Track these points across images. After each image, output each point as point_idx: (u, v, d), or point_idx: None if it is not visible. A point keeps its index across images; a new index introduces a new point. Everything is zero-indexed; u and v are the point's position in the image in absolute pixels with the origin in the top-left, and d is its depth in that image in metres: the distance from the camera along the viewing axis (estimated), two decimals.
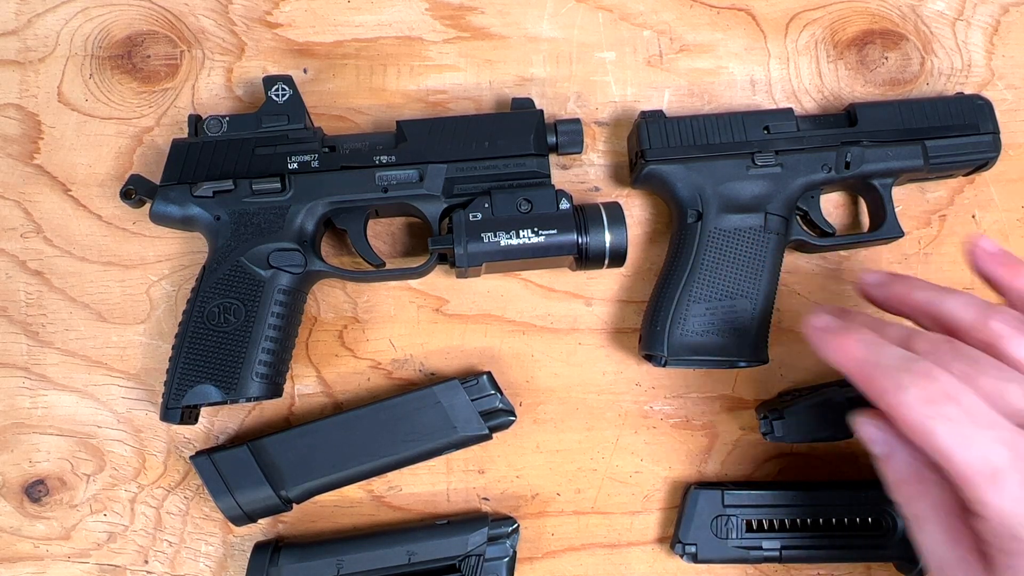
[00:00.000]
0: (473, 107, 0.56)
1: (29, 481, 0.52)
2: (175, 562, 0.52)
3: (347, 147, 0.51)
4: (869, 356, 0.36)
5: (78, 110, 0.54)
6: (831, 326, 0.39)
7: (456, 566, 0.49)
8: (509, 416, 0.51)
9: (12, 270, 0.53)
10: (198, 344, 0.48)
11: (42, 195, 0.54)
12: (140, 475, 0.53)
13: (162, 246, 0.54)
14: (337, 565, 0.49)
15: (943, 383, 0.34)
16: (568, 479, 0.54)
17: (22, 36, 0.55)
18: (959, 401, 0.33)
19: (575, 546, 0.53)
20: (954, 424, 0.33)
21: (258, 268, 0.49)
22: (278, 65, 0.55)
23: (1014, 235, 0.56)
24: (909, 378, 0.34)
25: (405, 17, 0.56)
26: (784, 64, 0.57)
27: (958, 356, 0.35)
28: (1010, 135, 0.55)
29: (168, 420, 0.48)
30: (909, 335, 0.38)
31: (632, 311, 0.54)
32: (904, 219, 0.54)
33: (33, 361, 0.53)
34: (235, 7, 0.56)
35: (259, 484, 0.49)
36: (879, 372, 0.35)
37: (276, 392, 0.50)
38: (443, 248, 0.49)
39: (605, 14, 0.57)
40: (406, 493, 0.53)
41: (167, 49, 0.55)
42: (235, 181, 0.50)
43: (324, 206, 0.50)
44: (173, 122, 0.55)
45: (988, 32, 0.57)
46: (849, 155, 0.52)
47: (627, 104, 0.56)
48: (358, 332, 0.54)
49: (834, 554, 0.50)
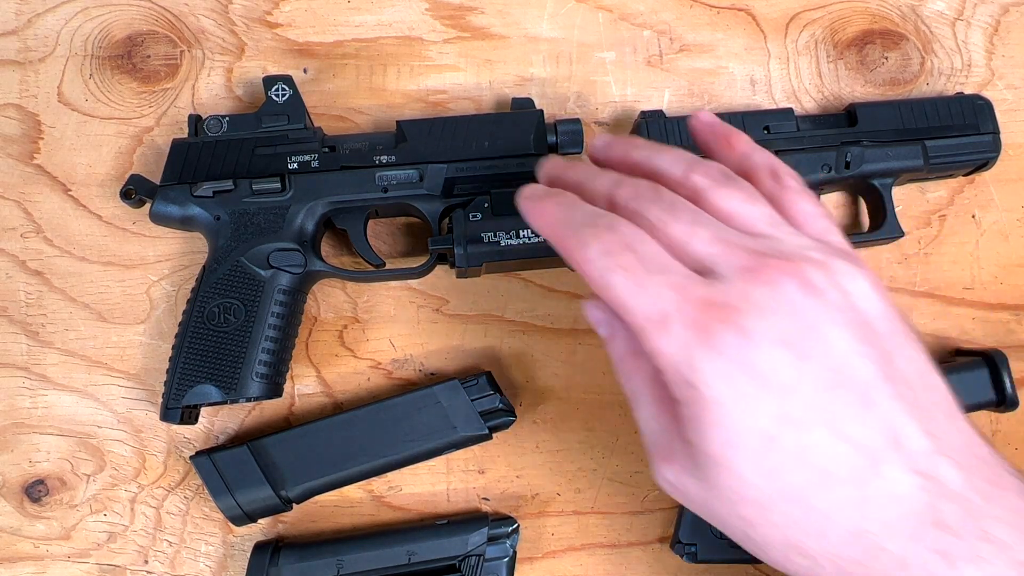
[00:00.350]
0: (473, 107, 0.56)
1: (29, 481, 0.52)
2: (175, 562, 0.52)
3: (347, 147, 0.51)
4: (561, 217, 0.35)
5: (78, 110, 0.54)
6: (536, 194, 0.38)
7: (456, 566, 0.49)
8: (509, 416, 0.51)
9: (12, 270, 0.53)
10: (198, 344, 0.48)
11: (42, 195, 0.54)
12: (140, 475, 0.53)
13: (162, 246, 0.54)
14: (337, 565, 0.49)
15: (622, 234, 0.32)
16: (568, 479, 0.54)
17: (22, 36, 0.55)
18: (635, 250, 0.32)
19: (575, 546, 0.53)
20: (628, 272, 0.32)
21: (258, 268, 0.49)
22: (278, 65, 0.55)
23: (1014, 235, 0.56)
24: (591, 232, 0.33)
25: (405, 17, 0.56)
26: (784, 64, 0.57)
27: (657, 200, 0.34)
28: (1010, 135, 0.55)
29: (168, 420, 0.48)
30: (617, 180, 0.36)
31: None
32: (904, 219, 0.54)
33: (33, 361, 0.53)
34: (235, 7, 0.56)
35: (259, 484, 0.49)
36: (569, 232, 0.34)
37: (276, 392, 0.50)
38: (443, 248, 0.49)
39: (605, 14, 0.57)
40: (406, 493, 0.53)
41: (167, 49, 0.55)
42: (235, 181, 0.50)
43: (324, 206, 0.50)
44: (173, 122, 0.55)
45: (988, 32, 0.58)
46: (849, 155, 0.52)
47: (627, 104, 0.56)
48: (358, 332, 0.54)
49: None
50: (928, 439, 0.30)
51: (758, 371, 0.30)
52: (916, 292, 0.55)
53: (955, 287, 0.56)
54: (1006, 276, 0.56)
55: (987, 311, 0.56)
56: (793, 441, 0.30)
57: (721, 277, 0.31)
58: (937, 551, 0.29)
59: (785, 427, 0.30)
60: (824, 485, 0.30)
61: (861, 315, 0.32)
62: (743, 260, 0.32)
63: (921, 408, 0.31)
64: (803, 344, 0.30)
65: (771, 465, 0.30)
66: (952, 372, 0.52)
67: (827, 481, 0.30)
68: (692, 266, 0.32)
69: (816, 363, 0.30)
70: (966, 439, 0.32)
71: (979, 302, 0.56)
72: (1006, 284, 0.56)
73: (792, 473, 0.30)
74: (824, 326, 0.31)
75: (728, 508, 0.32)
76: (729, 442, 0.30)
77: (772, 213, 0.35)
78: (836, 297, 0.31)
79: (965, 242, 0.56)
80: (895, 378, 0.31)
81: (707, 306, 0.30)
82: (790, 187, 0.36)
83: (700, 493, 0.32)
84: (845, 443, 0.30)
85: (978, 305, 0.56)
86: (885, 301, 0.33)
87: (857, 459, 0.30)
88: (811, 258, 0.32)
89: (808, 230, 0.35)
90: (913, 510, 0.30)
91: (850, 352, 0.31)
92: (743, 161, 0.38)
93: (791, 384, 0.30)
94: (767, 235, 0.34)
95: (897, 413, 0.30)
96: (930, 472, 0.30)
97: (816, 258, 0.32)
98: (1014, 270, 0.56)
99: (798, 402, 0.30)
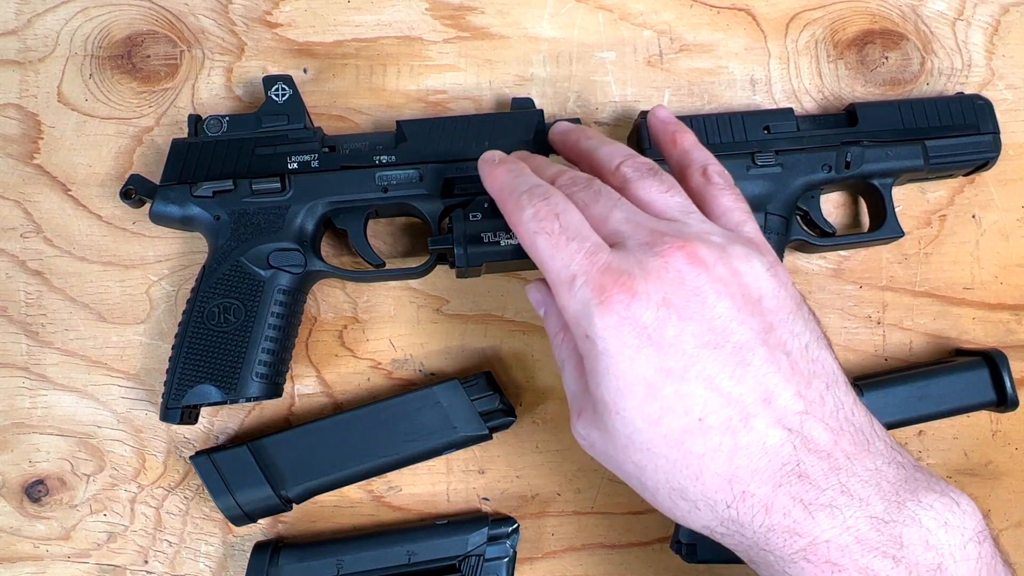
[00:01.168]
0: (473, 107, 0.56)
1: (29, 481, 0.52)
2: (175, 562, 0.52)
3: (347, 147, 0.51)
4: (508, 182, 0.40)
5: (78, 110, 0.54)
6: (493, 159, 0.43)
7: (456, 566, 0.49)
8: (509, 416, 0.51)
9: (12, 270, 0.53)
10: (198, 344, 0.48)
11: (42, 195, 0.54)
12: (140, 475, 0.53)
13: (162, 246, 0.54)
14: (337, 565, 0.49)
15: (553, 203, 0.38)
16: (568, 479, 0.54)
17: (22, 36, 0.55)
18: (560, 218, 0.37)
19: (575, 546, 0.53)
20: (550, 237, 0.37)
21: (258, 268, 0.49)
22: (278, 65, 0.55)
23: (1014, 235, 0.56)
24: (527, 198, 0.38)
25: (405, 17, 0.56)
26: (784, 64, 0.57)
27: (586, 188, 0.39)
28: (1010, 135, 0.55)
29: (168, 420, 0.48)
30: (560, 171, 0.42)
31: None
32: (904, 219, 0.54)
33: (33, 361, 0.53)
34: (235, 7, 0.56)
35: (259, 484, 0.49)
36: (511, 195, 0.39)
37: (276, 392, 0.50)
38: (443, 248, 0.49)
39: (605, 14, 0.57)
40: (406, 493, 0.53)
41: (167, 49, 0.55)
42: (235, 181, 0.50)
43: (324, 206, 0.50)
44: (173, 122, 0.55)
45: (988, 32, 0.57)
46: (849, 155, 0.52)
47: (627, 104, 0.56)
48: (358, 332, 0.54)
49: None
50: (799, 401, 0.34)
51: (643, 327, 0.34)
52: (916, 292, 0.55)
53: (955, 287, 0.56)
54: (1006, 276, 0.56)
55: (987, 311, 0.56)
56: (672, 390, 0.34)
57: (627, 249, 0.36)
58: (798, 499, 0.33)
59: (665, 377, 0.34)
60: (700, 432, 0.34)
61: (747, 290, 0.36)
62: (646, 237, 0.36)
63: (799, 374, 0.35)
64: (685, 306, 0.34)
65: (654, 411, 0.34)
66: (952, 372, 0.52)
67: (702, 429, 0.34)
68: (607, 240, 0.37)
69: (696, 324, 0.34)
70: (841, 408, 0.35)
71: (979, 302, 0.56)
72: (1006, 284, 0.56)
73: (672, 420, 0.34)
74: (707, 294, 0.35)
75: (623, 455, 0.36)
76: (619, 390, 0.35)
77: (686, 203, 0.40)
78: (723, 272, 0.35)
79: (965, 242, 0.56)
80: (773, 346, 0.35)
81: (608, 271, 0.35)
82: (716, 183, 0.42)
83: (601, 442, 0.37)
84: (718, 395, 0.34)
85: (978, 305, 0.56)
86: (777, 282, 0.37)
87: (729, 410, 0.34)
88: (709, 240, 0.36)
89: (723, 221, 0.40)
90: (779, 461, 0.33)
91: (730, 318, 0.35)
92: (682, 157, 0.44)
93: (671, 340, 0.34)
94: (676, 220, 0.38)
95: (771, 375, 0.34)
96: (797, 429, 0.34)
97: (715, 241, 0.37)
98: (1014, 270, 0.56)
99: (677, 356, 0.34)
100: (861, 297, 0.55)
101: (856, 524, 0.32)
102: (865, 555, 0.32)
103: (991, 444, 0.55)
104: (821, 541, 0.32)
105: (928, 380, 0.51)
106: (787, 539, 0.33)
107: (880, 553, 0.32)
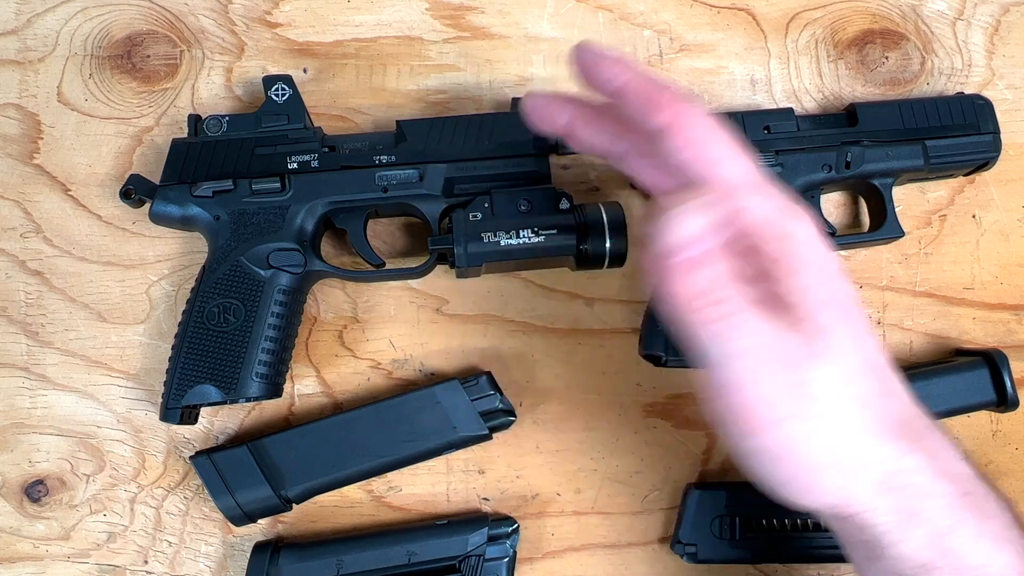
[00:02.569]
0: (473, 107, 0.56)
1: (29, 481, 0.52)
2: (175, 562, 0.52)
3: (347, 147, 0.51)
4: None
5: (78, 110, 0.54)
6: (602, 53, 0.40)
7: (456, 566, 0.49)
8: (509, 416, 0.51)
9: (12, 270, 0.53)
10: (198, 344, 0.48)
11: (42, 195, 0.54)
12: (140, 475, 0.53)
13: (162, 246, 0.54)
14: (337, 565, 0.49)
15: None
16: (568, 479, 0.54)
17: (22, 36, 0.55)
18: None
19: (575, 546, 0.53)
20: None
21: (258, 268, 0.49)
22: (278, 65, 0.55)
23: (1014, 235, 0.56)
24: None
25: (405, 17, 0.56)
26: (784, 64, 0.57)
27: None
28: (1010, 135, 0.55)
29: (168, 420, 0.48)
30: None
31: (632, 311, 0.54)
32: (904, 219, 0.54)
33: (33, 361, 0.53)
34: (235, 7, 0.56)
35: (259, 484, 0.49)
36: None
37: (276, 392, 0.50)
38: (443, 248, 0.49)
39: (605, 14, 0.57)
40: (406, 493, 0.53)
41: (167, 49, 0.55)
42: (235, 181, 0.50)
43: (324, 206, 0.50)
44: (173, 122, 0.55)
45: (988, 32, 0.57)
46: (849, 155, 0.52)
47: None
48: (358, 332, 0.54)
49: (834, 554, 0.50)
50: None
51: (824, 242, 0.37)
52: (916, 292, 0.55)
53: (955, 287, 0.56)
54: (1006, 276, 0.56)
55: (987, 311, 0.55)
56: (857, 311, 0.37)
57: None
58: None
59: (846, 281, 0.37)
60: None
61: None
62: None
63: None
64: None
65: (837, 313, 0.36)
66: (952, 372, 0.52)
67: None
68: None
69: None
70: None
71: (979, 302, 0.56)
72: (1006, 284, 0.56)
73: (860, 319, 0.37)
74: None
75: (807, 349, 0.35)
76: (818, 281, 0.36)
77: None
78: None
79: (965, 242, 0.56)
80: None
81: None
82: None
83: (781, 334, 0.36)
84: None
85: (978, 305, 0.56)
86: None
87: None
88: None
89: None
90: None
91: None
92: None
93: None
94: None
95: None
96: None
97: None
98: (1014, 270, 0.56)
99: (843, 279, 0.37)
100: (861, 297, 0.55)
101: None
102: None
103: (991, 444, 0.55)
104: None
105: (928, 380, 0.51)
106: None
107: None
